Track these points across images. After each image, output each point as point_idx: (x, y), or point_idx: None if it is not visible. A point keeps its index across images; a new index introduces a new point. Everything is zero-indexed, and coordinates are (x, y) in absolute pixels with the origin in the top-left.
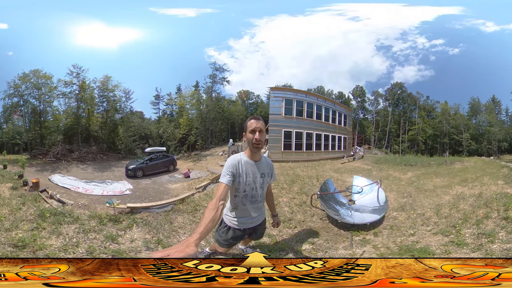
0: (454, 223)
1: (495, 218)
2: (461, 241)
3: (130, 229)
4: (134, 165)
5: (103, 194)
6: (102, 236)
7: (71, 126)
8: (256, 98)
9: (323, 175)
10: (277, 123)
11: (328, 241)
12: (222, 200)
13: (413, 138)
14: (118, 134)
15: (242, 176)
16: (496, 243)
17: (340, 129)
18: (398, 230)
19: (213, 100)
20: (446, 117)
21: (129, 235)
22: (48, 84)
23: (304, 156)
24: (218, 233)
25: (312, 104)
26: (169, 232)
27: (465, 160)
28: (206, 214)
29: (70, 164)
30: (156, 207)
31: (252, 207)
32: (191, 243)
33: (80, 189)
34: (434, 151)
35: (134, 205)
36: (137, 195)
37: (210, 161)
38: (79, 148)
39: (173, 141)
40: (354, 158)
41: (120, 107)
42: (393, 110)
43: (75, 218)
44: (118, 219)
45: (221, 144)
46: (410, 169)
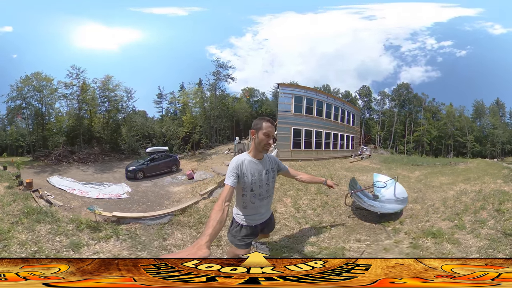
0: (457, 212)
1: (489, 210)
2: (462, 225)
3: (106, 241)
4: (134, 167)
5: (98, 197)
6: (68, 241)
7: (73, 128)
8: (261, 96)
9: (335, 174)
10: (286, 120)
11: (370, 235)
12: (228, 201)
13: (418, 139)
14: (121, 134)
15: (247, 176)
16: (484, 228)
17: (348, 128)
18: (417, 218)
19: (217, 97)
20: (451, 119)
21: (99, 246)
22: (49, 87)
23: (314, 154)
24: (231, 234)
25: (322, 102)
26: (158, 250)
27: (469, 161)
28: (213, 216)
29: (71, 165)
30: (149, 218)
31: (261, 204)
32: (203, 246)
33: (76, 191)
34: (438, 152)
35: (121, 214)
36: (135, 199)
37: (216, 160)
38: (80, 149)
39: (176, 140)
40: (362, 157)
41: (122, 106)
42: (399, 110)
43: (56, 219)
44: (98, 227)
45: (226, 142)
46: (417, 169)
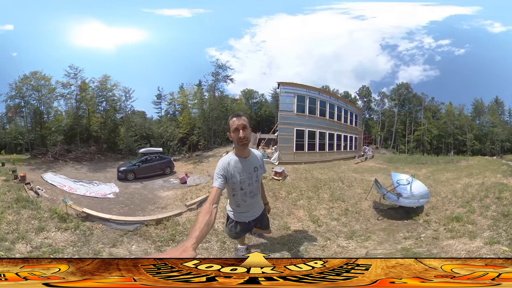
0: (467, 200)
1: (491, 198)
2: (472, 210)
3: (62, 232)
4: (125, 167)
5: (85, 194)
6: (35, 224)
7: (72, 126)
8: (261, 97)
9: (345, 176)
10: (288, 121)
11: (410, 231)
12: (215, 203)
13: (418, 138)
14: (119, 134)
15: (235, 176)
16: (489, 211)
17: (351, 129)
18: (437, 209)
19: (216, 98)
20: (451, 118)
21: (53, 234)
22: (48, 86)
23: (317, 156)
24: (228, 228)
25: (325, 102)
26: (93, 252)
27: (470, 159)
28: (200, 218)
29: (66, 163)
30: (116, 222)
31: (252, 201)
32: (189, 248)
33: (65, 187)
34: (439, 151)
35: (90, 212)
36: (120, 200)
37: (213, 163)
38: (77, 148)
39: (173, 141)
40: (366, 158)
41: (120, 106)
42: (399, 110)
43: (38, 207)
44: (66, 219)
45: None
46: (422, 167)
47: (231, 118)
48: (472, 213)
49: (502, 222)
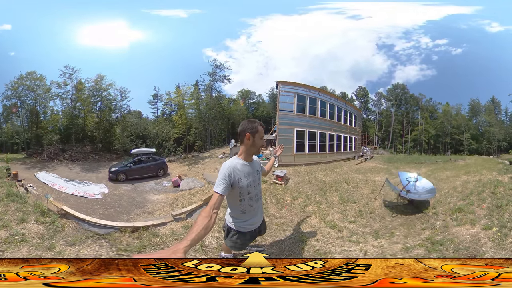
0: (466, 194)
1: (487, 192)
2: (472, 202)
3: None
4: (116, 168)
5: (74, 193)
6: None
7: (67, 126)
8: (258, 98)
9: (349, 178)
10: (288, 121)
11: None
12: (216, 209)
13: (416, 138)
14: (114, 134)
15: (242, 180)
16: (485, 203)
17: (351, 129)
18: (441, 202)
19: (213, 98)
20: (448, 117)
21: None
22: (43, 86)
23: (318, 158)
24: (231, 241)
25: (325, 102)
26: (43, 250)
27: (467, 158)
28: (199, 222)
29: (61, 163)
30: (90, 223)
31: (257, 205)
32: (180, 250)
33: (56, 186)
34: (436, 150)
35: (68, 210)
36: (107, 202)
37: (209, 164)
38: (72, 147)
39: (168, 142)
40: (365, 158)
41: (115, 106)
42: (396, 110)
43: (25, 201)
44: (46, 214)
45: (221, 145)
46: (422, 166)
47: (259, 124)
48: (471, 205)
49: (495, 212)
